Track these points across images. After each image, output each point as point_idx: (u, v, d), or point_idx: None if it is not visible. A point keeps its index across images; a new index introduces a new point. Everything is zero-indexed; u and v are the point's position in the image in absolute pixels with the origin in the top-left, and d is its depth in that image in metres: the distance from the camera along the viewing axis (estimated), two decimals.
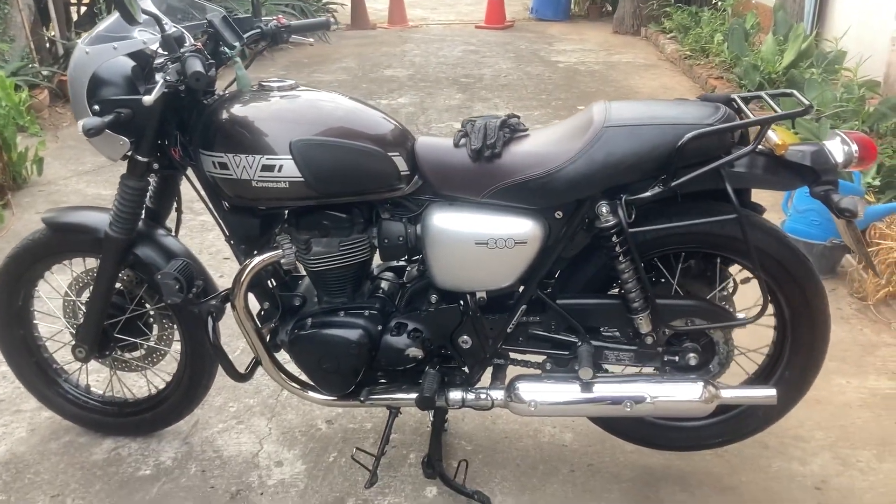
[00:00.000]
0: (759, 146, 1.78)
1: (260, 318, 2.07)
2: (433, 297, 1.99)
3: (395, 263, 2.13)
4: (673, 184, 1.77)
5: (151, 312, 2.21)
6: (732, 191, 1.77)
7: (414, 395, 1.99)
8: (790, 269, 1.91)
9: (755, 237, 1.86)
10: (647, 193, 1.80)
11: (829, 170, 1.78)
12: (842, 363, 2.72)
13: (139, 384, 2.41)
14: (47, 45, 6.19)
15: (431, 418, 2.12)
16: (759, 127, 1.77)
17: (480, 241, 1.86)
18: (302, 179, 1.81)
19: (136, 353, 2.26)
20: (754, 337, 2.08)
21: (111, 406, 2.34)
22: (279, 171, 1.81)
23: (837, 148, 1.80)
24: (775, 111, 1.78)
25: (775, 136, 1.80)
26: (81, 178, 4.55)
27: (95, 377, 2.46)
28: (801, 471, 2.21)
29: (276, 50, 7.96)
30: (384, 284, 2.07)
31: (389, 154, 1.86)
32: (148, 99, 1.72)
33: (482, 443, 2.32)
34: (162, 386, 2.31)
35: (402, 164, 1.87)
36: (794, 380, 2.03)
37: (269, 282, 2.05)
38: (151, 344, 2.23)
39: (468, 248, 1.87)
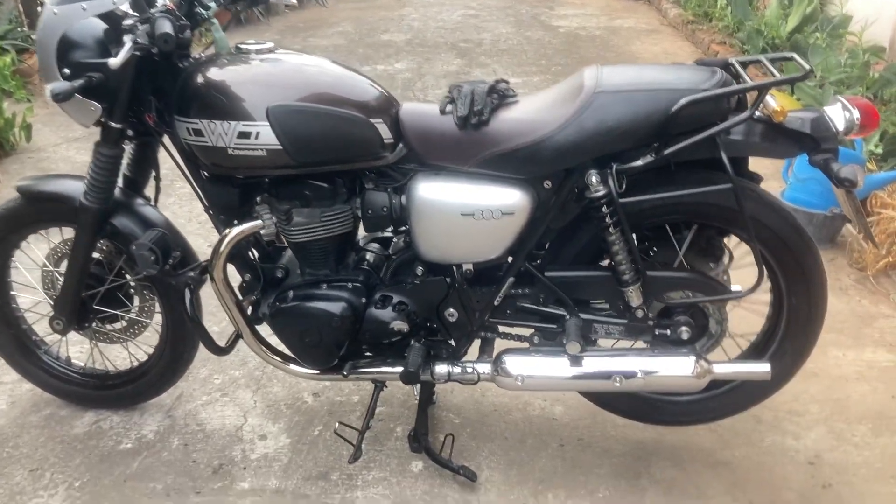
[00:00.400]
0: (757, 112, 1.70)
1: (241, 290, 2.02)
2: (419, 270, 1.93)
3: (380, 234, 2.07)
4: (666, 152, 1.70)
5: (132, 284, 2.16)
6: (728, 159, 1.70)
7: (399, 369, 1.94)
8: (787, 240, 1.84)
9: (751, 207, 1.79)
10: (639, 162, 1.72)
11: (828, 137, 1.71)
12: (839, 335, 2.67)
13: (122, 356, 2.36)
14: (38, 7, 6.06)
15: (417, 392, 2.07)
16: (757, 92, 1.70)
17: (467, 212, 1.80)
18: (280, 147, 1.74)
19: (117, 325, 2.21)
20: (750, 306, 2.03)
21: (92, 378, 2.29)
22: (256, 138, 1.74)
23: (838, 114, 1.73)
24: (774, 76, 1.71)
25: (774, 101, 1.73)
26: (71, 145, 4.46)
27: (79, 349, 2.41)
28: (794, 445, 2.17)
29: (272, 14, 7.82)
30: (369, 256, 2.02)
31: (372, 121, 1.78)
32: (114, 62, 1.65)
33: (470, 416, 2.28)
34: (144, 358, 2.26)
35: (385, 132, 1.80)
36: (790, 353, 1.98)
37: (250, 253, 2.00)
38: (132, 316, 2.17)
39: (454, 220, 1.81)
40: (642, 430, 2.20)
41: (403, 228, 1.92)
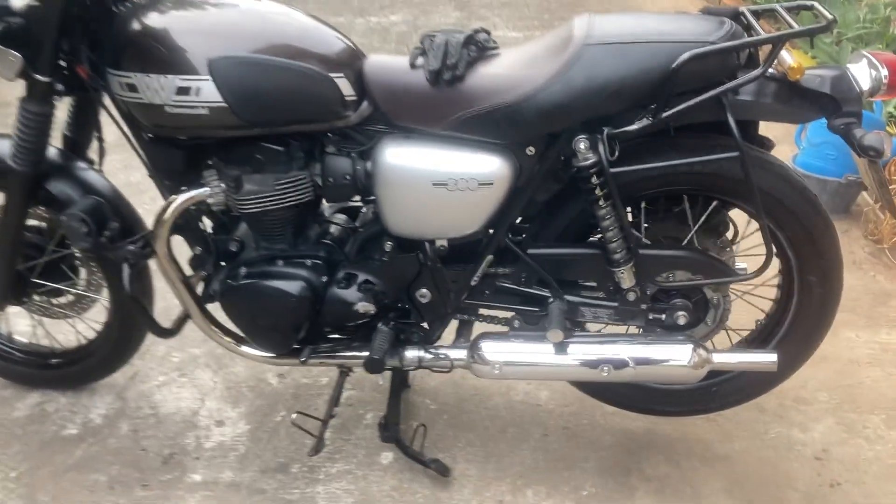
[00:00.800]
0: (770, 69, 1.48)
1: (192, 263, 1.82)
2: (387, 245, 1.72)
3: (350, 204, 1.86)
4: (664, 115, 1.48)
5: (77, 255, 1.96)
6: (736, 123, 1.48)
7: (366, 354, 1.75)
8: (800, 215, 1.64)
9: (760, 178, 1.58)
10: (634, 126, 1.51)
11: (851, 99, 1.50)
12: (851, 314, 2.47)
13: (70, 333, 2.16)
14: None
15: (381, 378, 1.89)
16: (770, 46, 1.47)
17: (439, 182, 1.59)
18: (224, 105, 1.53)
19: (62, 300, 2.01)
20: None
21: (37, 357, 2.10)
22: (197, 94, 1.52)
23: (863, 73, 1.51)
24: (791, 27, 1.48)
25: (790, 57, 1.50)
26: None
27: (27, 323, 2.22)
28: (801, 438, 1.99)
29: None
30: (334, 229, 1.80)
31: (331, 75, 1.56)
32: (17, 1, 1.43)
33: (448, 401, 2.10)
34: (93, 336, 2.07)
35: (346, 88, 1.58)
36: (800, 341, 1.79)
37: (201, 222, 1.79)
38: (78, 290, 1.98)
39: (425, 190, 1.60)
40: (634, 418, 2.01)
41: (372, 198, 1.72)
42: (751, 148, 1.59)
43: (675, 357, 1.67)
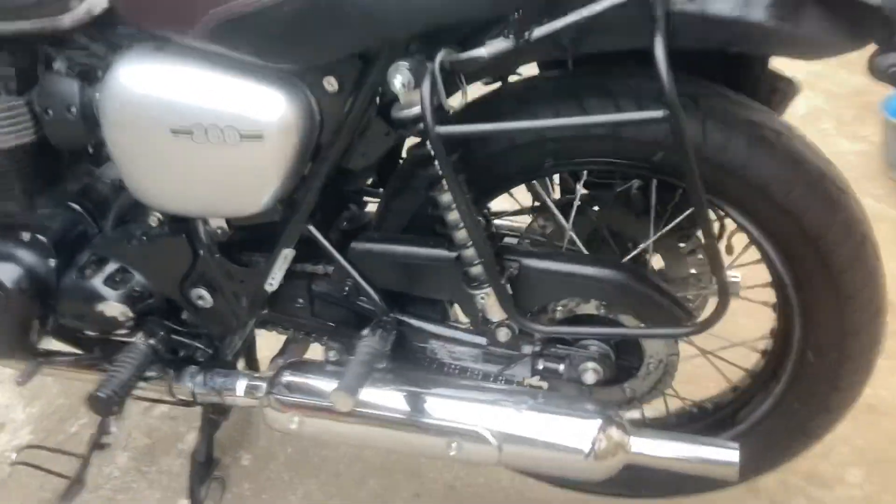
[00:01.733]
0: None
1: None
2: (153, 218, 1.13)
3: None
4: (534, 35, 0.79)
5: None
6: (668, 55, 0.78)
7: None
8: (800, 215, 0.93)
9: (754, 164, 0.91)
10: (482, 51, 0.83)
11: None
12: None
13: None
14: None
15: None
16: None
17: (180, 129, 0.97)
18: None
19: None
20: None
21: None
22: None
23: None
24: None
25: None
26: None
27: None
28: None
29: None
30: (101, 185, 1.22)
31: None
32: None
33: None
34: None
35: None
36: (798, 421, 1.10)
37: None
38: None
39: (161, 139, 0.98)
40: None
41: None
42: (740, 104, 0.89)
43: (568, 439, 1.02)
